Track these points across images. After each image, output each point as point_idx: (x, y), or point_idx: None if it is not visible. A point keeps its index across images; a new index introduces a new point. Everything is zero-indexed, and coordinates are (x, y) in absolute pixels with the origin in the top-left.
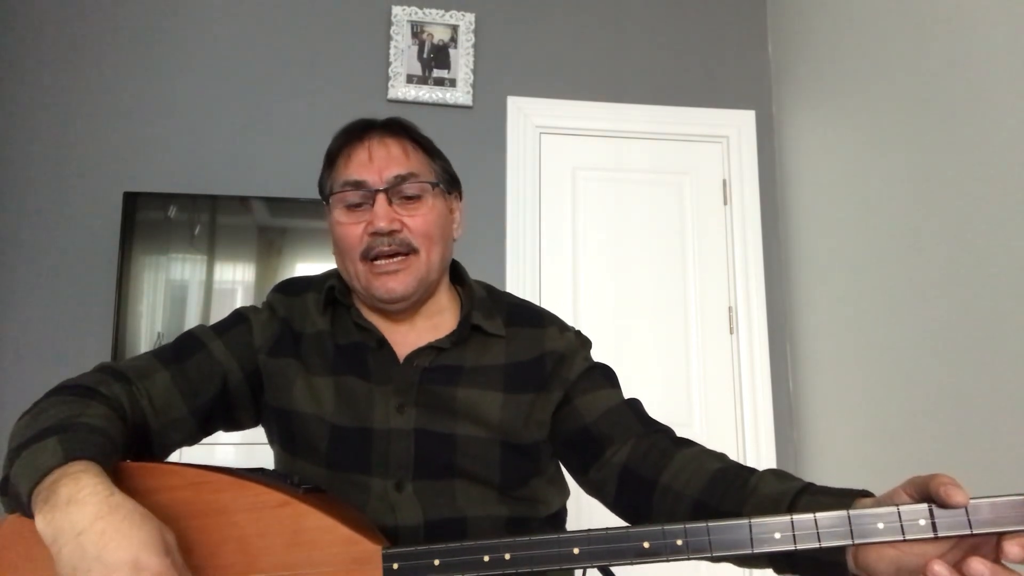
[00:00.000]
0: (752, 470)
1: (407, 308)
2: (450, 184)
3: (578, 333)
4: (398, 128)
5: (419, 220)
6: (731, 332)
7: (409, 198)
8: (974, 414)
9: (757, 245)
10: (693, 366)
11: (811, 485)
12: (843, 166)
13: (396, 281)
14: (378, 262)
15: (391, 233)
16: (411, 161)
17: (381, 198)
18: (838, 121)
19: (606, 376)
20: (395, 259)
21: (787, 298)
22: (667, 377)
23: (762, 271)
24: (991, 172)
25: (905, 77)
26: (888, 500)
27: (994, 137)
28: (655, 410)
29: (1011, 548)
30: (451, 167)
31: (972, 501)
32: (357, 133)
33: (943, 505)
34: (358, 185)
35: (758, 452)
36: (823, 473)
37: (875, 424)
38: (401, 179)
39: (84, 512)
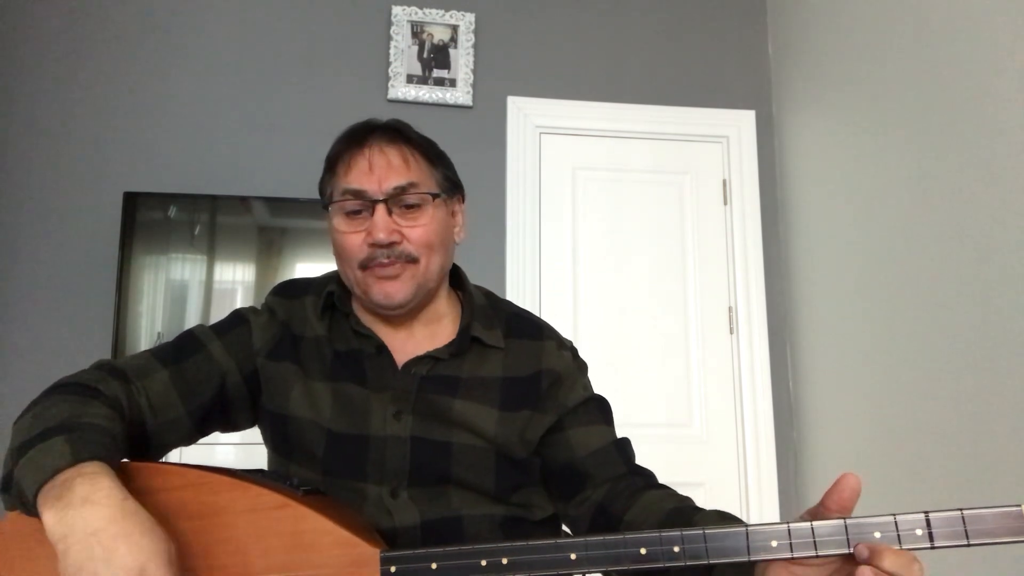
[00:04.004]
0: (700, 510)
1: (405, 314)
2: (452, 191)
3: (575, 354)
4: (399, 135)
5: (419, 231)
6: (731, 332)
7: (409, 207)
8: (974, 413)
9: (757, 245)
10: (693, 366)
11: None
12: (843, 166)
13: (395, 287)
14: (377, 268)
15: (390, 245)
16: (411, 171)
17: (380, 209)
18: (838, 121)
19: (601, 411)
20: (394, 266)
21: (787, 298)
22: (667, 377)
23: (762, 271)
24: (992, 171)
25: (905, 77)
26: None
27: (994, 136)
28: (655, 410)
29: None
30: (454, 171)
31: (968, 512)
32: (357, 139)
33: (836, 499)
34: (358, 194)
35: (758, 452)
36: (823, 473)
37: (875, 424)
38: (401, 189)
39: (99, 513)
